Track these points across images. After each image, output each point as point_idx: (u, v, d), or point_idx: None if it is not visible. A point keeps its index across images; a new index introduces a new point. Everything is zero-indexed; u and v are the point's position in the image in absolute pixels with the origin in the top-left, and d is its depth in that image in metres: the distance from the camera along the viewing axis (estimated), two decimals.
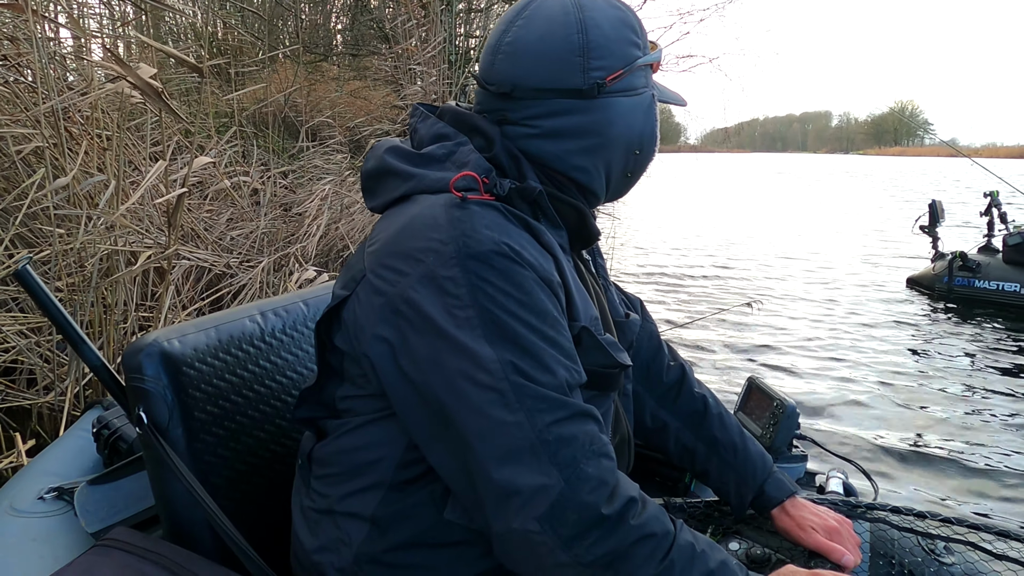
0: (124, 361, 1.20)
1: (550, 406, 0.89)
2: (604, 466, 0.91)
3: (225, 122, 5.97)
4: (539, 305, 0.93)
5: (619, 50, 1.06)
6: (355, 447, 1.05)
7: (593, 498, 0.88)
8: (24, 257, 1.18)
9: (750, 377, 1.84)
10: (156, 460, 1.18)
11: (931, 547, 1.28)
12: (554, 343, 0.93)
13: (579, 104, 1.06)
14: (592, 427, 0.93)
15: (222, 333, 1.31)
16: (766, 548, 1.29)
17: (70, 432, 1.67)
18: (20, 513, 1.35)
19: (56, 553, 1.24)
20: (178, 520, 1.22)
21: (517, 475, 0.87)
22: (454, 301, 0.90)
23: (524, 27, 1.06)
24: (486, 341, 0.89)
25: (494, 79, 1.08)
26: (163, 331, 1.25)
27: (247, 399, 1.32)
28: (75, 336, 1.19)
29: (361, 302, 0.99)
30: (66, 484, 1.42)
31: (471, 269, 0.91)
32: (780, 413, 1.67)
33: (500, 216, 0.97)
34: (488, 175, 1.01)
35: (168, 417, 1.19)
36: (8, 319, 3.12)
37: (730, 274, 9.20)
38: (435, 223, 0.95)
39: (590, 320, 1.04)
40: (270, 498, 1.30)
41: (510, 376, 0.88)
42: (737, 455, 1.35)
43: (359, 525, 1.04)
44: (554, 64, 1.05)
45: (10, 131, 3.20)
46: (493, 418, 0.88)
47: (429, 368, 0.92)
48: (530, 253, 0.95)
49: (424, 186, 1.02)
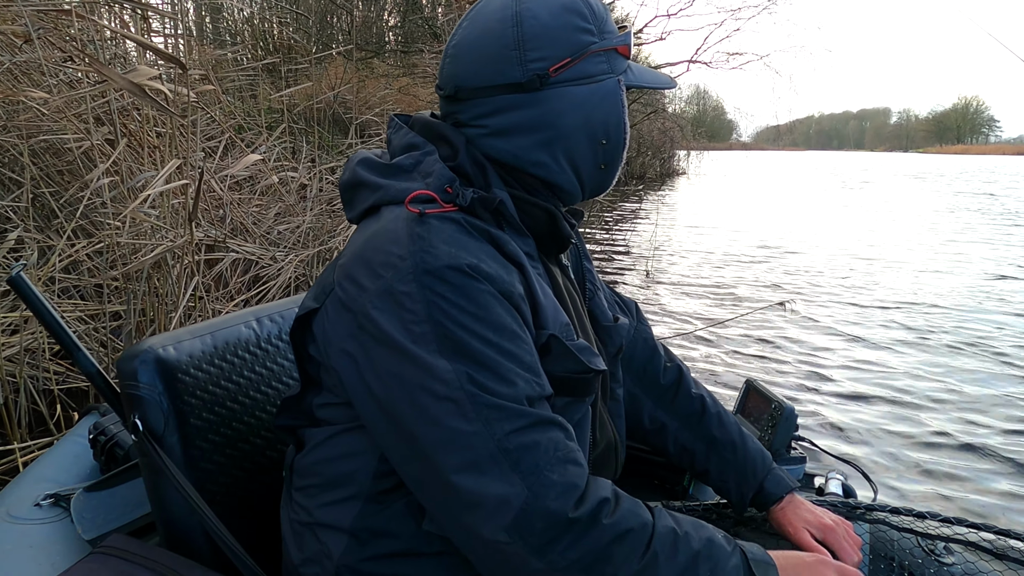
0: (119, 368, 1.20)
1: (508, 415, 0.89)
2: (571, 472, 0.90)
3: (276, 118, 6.03)
4: (496, 319, 0.92)
5: (562, 38, 1.04)
6: (331, 458, 1.05)
7: (559, 504, 0.87)
8: (18, 264, 1.17)
9: (748, 379, 1.84)
10: (152, 467, 1.18)
11: (931, 548, 1.28)
12: (512, 356, 0.92)
13: (523, 98, 1.04)
14: (557, 434, 0.92)
15: (217, 339, 1.31)
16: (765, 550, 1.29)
17: (66, 438, 1.67)
18: (16, 520, 1.34)
19: (52, 560, 1.24)
20: (174, 527, 1.21)
21: (479, 485, 0.87)
22: (410, 316, 0.90)
23: (467, 27, 1.07)
24: (441, 355, 0.89)
25: (443, 82, 1.09)
26: (158, 338, 1.24)
27: (243, 405, 1.32)
28: (69, 342, 1.19)
29: (329, 316, 1.00)
30: (62, 490, 1.41)
31: (426, 284, 0.91)
32: (778, 415, 1.67)
33: (459, 229, 0.97)
34: (452, 184, 1.01)
35: (164, 424, 1.18)
36: (69, 305, 3.39)
37: (769, 275, 9.13)
38: (396, 237, 0.95)
39: (560, 327, 1.03)
40: (266, 505, 1.29)
41: (465, 386, 0.88)
42: (736, 453, 1.35)
43: (338, 537, 1.04)
44: (491, 61, 1.04)
45: (72, 127, 3.47)
46: (452, 429, 0.88)
47: (390, 383, 0.92)
48: (489, 266, 0.94)
49: (390, 197, 1.02)
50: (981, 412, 4.44)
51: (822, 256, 10.45)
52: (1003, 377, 5.11)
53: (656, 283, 8.40)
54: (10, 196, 3.46)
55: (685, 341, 5.81)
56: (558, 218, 1.09)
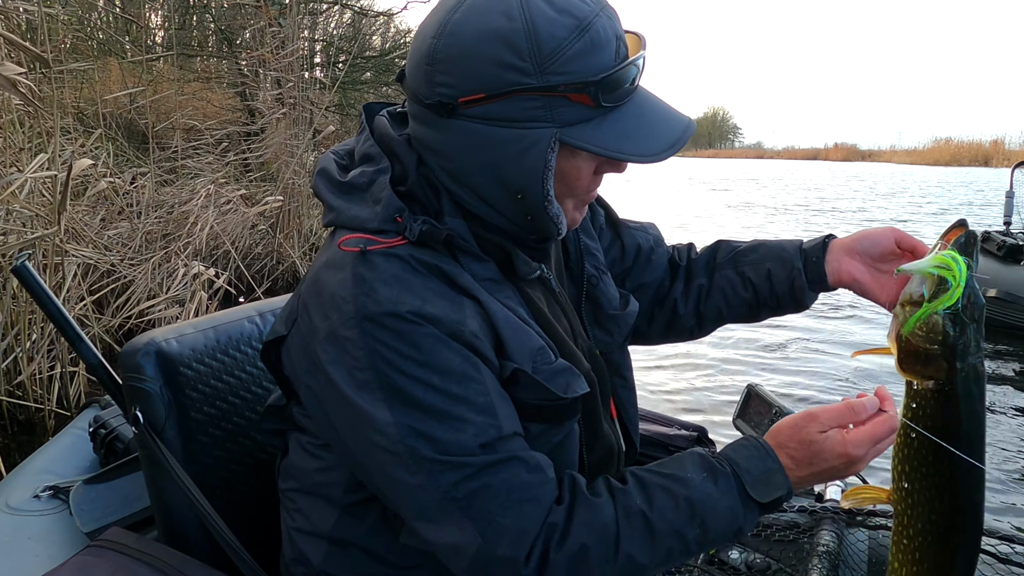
0: (122, 360, 1.20)
1: (451, 467, 0.87)
2: (526, 513, 0.88)
3: (88, 122, 6.07)
4: (441, 363, 0.88)
5: (477, 70, 0.88)
6: (308, 467, 1.05)
7: (511, 551, 0.87)
8: (23, 253, 1.17)
9: (749, 384, 1.83)
10: (152, 460, 1.18)
11: None
12: (459, 400, 0.88)
13: (432, 118, 0.93)
14: (512, 473, 0.89)
15: (220, 333, 1.31)
16: (767, 557, 1.28)
17: (66, 431, 1.67)
18: (15, 511, 1.35)
19: (50, 552, 1.24)
20: (173, 522, 1.21)
21: (431, 532, 0.89)
22: (354, 363, 0.88)
23: (425, 17, 0.97)
24: (385, 405, 0.88)
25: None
26: (161, 331, 1.24)
27: (244, 400, 1.31)
28: (72, 333, 1.19)
29: (294, 345, 0.98)
30: (62, 483, 1.42)
31: (367, 331, 0.87)
32: (779, 420, 1.66)
33: (404, 267, 0.91)
34: (401, 214, 0.93)
35: (164, 417, 1.18)
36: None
37: None
38: (342, 279, 0.91)
39: (531, 354, 0.95)
40: (265, 501, 1.29)
41: (406, 440, 0.87)
42: (759, 247, 1.29)
43: (318, 543, 1.04)
44: (415, 65, 0.94)
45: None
46: (397, 480, 0.89)
47: (342, 423, 0.92)
48: (434, 306, 0.89)
49: (342, 221, 0.97)
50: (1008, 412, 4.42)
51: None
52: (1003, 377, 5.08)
53: None
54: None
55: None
56: (513, 255, 1.00)
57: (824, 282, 1.21)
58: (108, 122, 6.48)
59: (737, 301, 1.30)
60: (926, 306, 0.98)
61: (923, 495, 1.03)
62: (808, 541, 1.34)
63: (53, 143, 3.69)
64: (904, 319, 1.00)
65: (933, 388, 0.99)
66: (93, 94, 6.55)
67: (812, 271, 1.21)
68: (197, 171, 6.50)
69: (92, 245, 4.74)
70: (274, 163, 7.05)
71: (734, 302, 1.30)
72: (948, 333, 0.97)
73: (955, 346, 0.97)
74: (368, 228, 0.94)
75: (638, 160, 0.92)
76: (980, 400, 1.01)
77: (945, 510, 1.02)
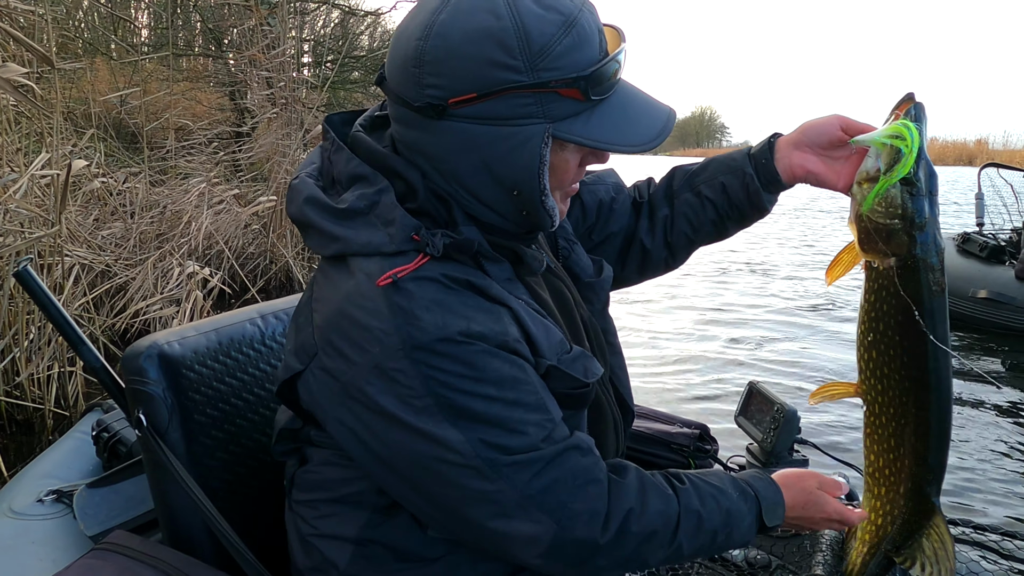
0: (124, 363, 1.20)
1: (525, 466, 0.91)
2: (591, 495, 0.95)
3: (78, 122, 6.07)
4: (495, 375, 0.90)
5: (469, 70, 0.87)
6: (338, 476, 1.04)
7: (587, 532, 0.94)
8: (24, 258, 1.17)
9: (751, 382, 1.84)
10: (155, 463, 1.18)
11: None
12: (517, 404, 0.92)
13: (421, 121, 0.92)
14: (574, 459, 0.95)
15: (222, 336, 1.31)
16: (769, 554, 1.29)
17: (70, 434, 1.67)
18: (19, 515, 1.34)
19: (55, 556, 1.24)
20: (177, 524, 1.21)
21: (510, 527, 0.93)
22: (407, 391, 0.89)
23: (405, 18, 0.96)
24: (450, 425, 0.89)
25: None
26: (163, 333, 1.24)
27: (247, 402, 1.31)
28: (74, 337, 1.19)
29: (316, 379, 0.96)
30: (65, 487, 1.42)
31: (419, 359, 0.88)
32: (781, 418, 1.66)
33: (439, 289, 0.91)
34: (418, 232, 0.92)
35: (168, 420, 1.18)
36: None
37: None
38: (376, 310, 0.89)
39: (555, 347, 0.99)
40: (269, 502, 1.29)
41: (480, 453, 0.90)
42: (710, 163, 1.31)
43: (343, 547, 1.04)
44: (399, 68, 0.93)
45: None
46: (474, 489, 0.91)
47: (397, 452, 0.92)
48: (479, 324, 0.90)
49: (354, 250, 0.94)
50: (982, 414, 4.44)
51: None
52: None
53: None
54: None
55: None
56: (522, 254, 1.02)
57: (778, 181, 1.23)
58: (101, 122, 6.44)
59: (701, 222, 1.32)
60: (883, 179, 1.00)
61: (892, 379, 1.06)
62: (809, 537, 1.34)
63: (52, 143, 3.68)
64: (862, 197, 1.03)
65: (895, 265, 1.01)
66: (82, 94, 6.52)
67: (764, 173, 1.23)
68: (189, 171, 6.49)
69: (87, 246, 4.74)
70: (266, 163, 7.04)
71: (699, 224, 1.32)
72: (907, 205, 1.00)
73: (914, 218, 0.99)
74: (385, 252, 0.92)
75: (630, 151, 0.94)
76: (941, 272, 1.03)
77: (915, 389, 1.05)
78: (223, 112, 8.07)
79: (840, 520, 1.13)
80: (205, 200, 5.83)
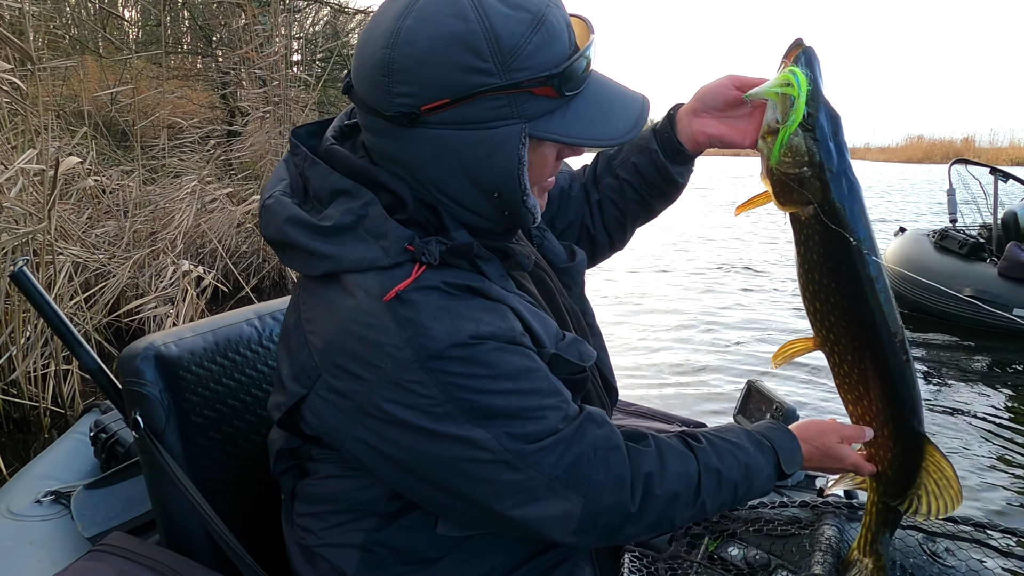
0: (121, 365, 1.19)
1: (551, 449, 0.93)
2: (613, 462, 0.97)
3: (70, 120, 6.06)
4: (509, 369, 0.92)
5: (439, 77, 0.86)
6: (344, 488, 1.04)
7: (614, 499, 0.96)
8: (21, 259, 1.17)
9: (749, 380, 1.83)
10: (153, 464, 1.18)
11: (932, 549, 1.28)
12: (534, 392, 0.94)
13: (394, 130, 0.91)
14: (592, 432, 0.97)
15: (219, 337, 1.30)
16: (767, 553, 1.29)
17: (67, 435, 1.67)
18: (16, 516, 1.34)
19: (52, 557, 1.23)
20: (175, 525, 1.21)
21: (540, 510, 0.94)
22: (427, 401, 0.89)
23: (368, 24, 0.94)
24: (475, 425, 0.90)
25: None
26: (160, 335, 1.24)
27: (244, 403, 1.31)
28: (71, 339, 1.18)
29: (324, 400, 0.94)
30: (63, 488, 1.41)
31: (435, 369, 0.88)
32: (779, 416, 1.66)
33: (442, 297, 0.91)
34: (411, 242, 0.92)
35: (165, 421, 1.18)
36: None
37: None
38: (383, 326, 0.89)
39: (553, 337, 1.02)
40: (267, 503, 1.29)
41: (508, 447, 0.91)
42: (623, 147, 1.31)
43: (350, 554, 1.04)
44: (366, 76, 0.91)
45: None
46: (504, 481, 0.92)
47: (423, 459, 0.92)
48: (487, 324, 0.91)
49: (346, 267, 0.93)
50: (982, 412, 4.45)
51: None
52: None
53: None
54: None
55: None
56: (511, 252, 1.02)
57: (683, 152, 1.24)
58: (92, 120, 6.42)
59: (626, 203, 1.34)
60: (783, 129, 1.00)
61: (839, 326, 1.08)
62: (808, 536, 1.34)
63: (41, 139, 3.67)
64: (768, 151, 1.03)
65: (815, 212, 1.02)
66: (72, 91, 6.50)
67: (667, 147, 1.25)
68: (181, 169, 6.48)
69: (80, 244, 4.73)
70: (258, 162, 7.02)
71: (624, 206, 1.34)
72: (812, 151, 1.00)
73: (821, 161, 1.00)
74: (380, 266, 0.91)
75: (609, 144, 0.97)
76: (861, 205, 1.04)
77: (863, 330, 1.07)
78: (215, 110, 8.04)
79: (855, 470, 1.19)
80: (197, 198, 5.83)
